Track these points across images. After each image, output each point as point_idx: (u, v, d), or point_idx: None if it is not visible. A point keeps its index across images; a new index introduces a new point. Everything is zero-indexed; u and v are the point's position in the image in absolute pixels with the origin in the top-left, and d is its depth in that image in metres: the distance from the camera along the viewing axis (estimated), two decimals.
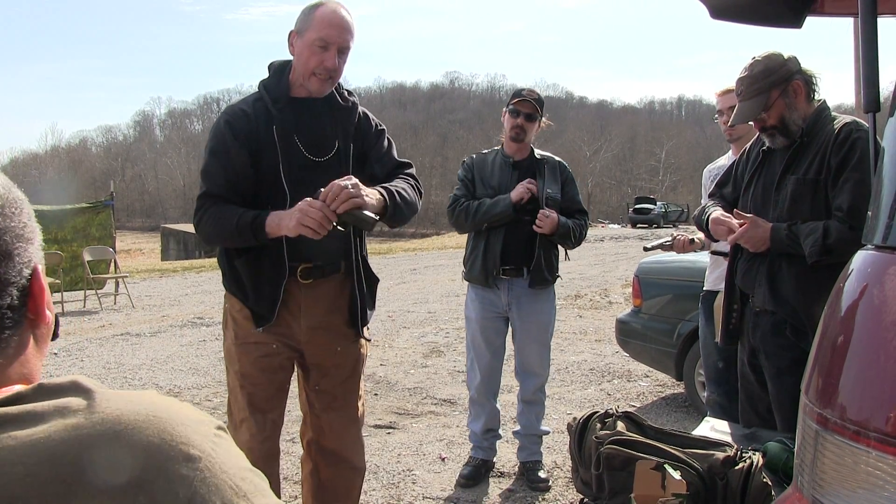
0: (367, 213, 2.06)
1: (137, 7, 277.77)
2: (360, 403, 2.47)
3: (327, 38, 2.18)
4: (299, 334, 2.32)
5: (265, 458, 2.30)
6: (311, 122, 2.29)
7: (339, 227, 2.08)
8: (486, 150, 3.74)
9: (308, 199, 2.06)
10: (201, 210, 2.23)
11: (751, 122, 2.64)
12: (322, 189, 2.04)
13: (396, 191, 2.26)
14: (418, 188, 2.42)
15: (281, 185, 2.21)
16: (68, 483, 0.66)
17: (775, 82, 2.46)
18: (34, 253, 0.79)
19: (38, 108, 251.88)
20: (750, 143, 2.81)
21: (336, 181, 2.05)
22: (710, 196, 2.92)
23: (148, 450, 0.69)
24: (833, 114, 2.50)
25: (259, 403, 2.33)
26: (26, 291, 0.77)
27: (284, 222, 2.08)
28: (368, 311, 2.43)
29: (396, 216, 2.25)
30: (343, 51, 2.23)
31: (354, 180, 2.08)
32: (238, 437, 2.27)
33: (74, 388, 0.73)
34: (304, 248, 2.24)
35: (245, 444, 2.26)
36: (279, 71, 2.33)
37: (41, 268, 0.80)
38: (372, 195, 2.14)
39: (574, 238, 3.55)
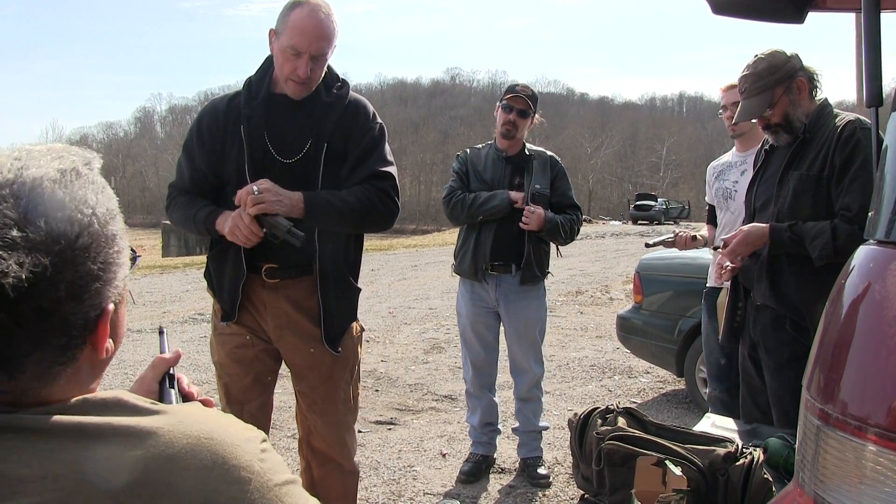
0: (280, 219, 2.03)
1: (137, 4, 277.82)
2: (343, 409, 2.40)
3: (298, 47, 2.10)
4: (269, 331, 2.32)
5: None
6: (283, 121, 2.23)
7: (270, 239, 2.08)
8: (479, 145, 3.73)
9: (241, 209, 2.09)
10: (169, 198, 2.40)
11: (754, 120, 2.64)
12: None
13: (328, 198, 2.18)
14: (382, 198, 2.27)
15: (245, 184, 2.13)
16: (119, 503, 0.67)
17: (779, 79, 2.46)
18: (109, 291, 0.75)
19: (39, 105, 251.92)
20: (756, 150, 2.82)
21: (246, 186, 2.08)
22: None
23: (201, 473, 0.70)
24: (835, 111, 2.51)
25: (235, 394, 2.35)
26: (89, 330, 0.74)
27: (225, 225, 2.14)
28: (336, 321, 2.30)
29: (315, 219, 2.16)
30: (317, 58, 2.14)
31: (266, 184, 2.07)
32: None
33: (120, 405, 0.73)
34: (269, 248, 2.20)
35: None
36: (265, 67, 2.29)
37: (113, 307, 0.76)
38: (291, 197, 2.11)
39: (564, 234, 3.49)
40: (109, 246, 0.74)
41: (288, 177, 2.15)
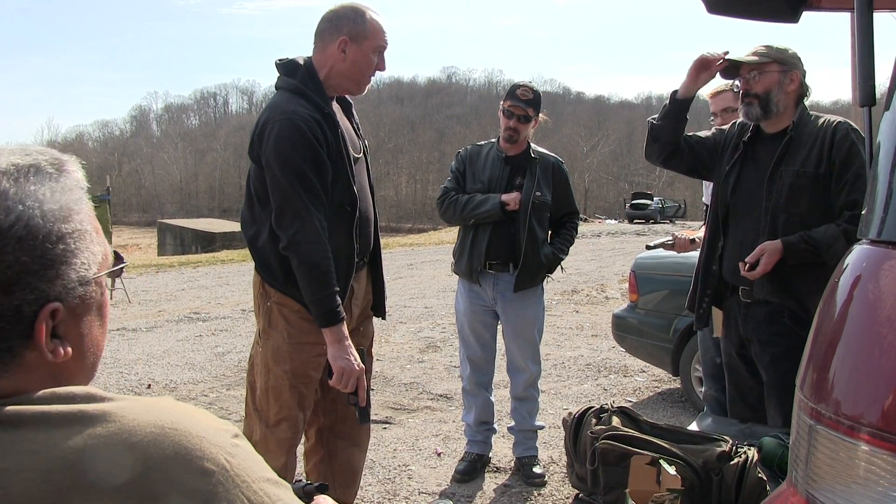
0: (353, 398, 2.25)
1: (131, 1, 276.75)
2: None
3: (384, 45, 2.31)
4: (353, 320, 2.42)
5: (294, 451, 2.41)
6: (343, 121, 2.40)
7: (348, 402, 2.27)
8: (482, 142, 3.71)
9: (359, 362, 2.20)
10: (303, 231, 2.17)
11: (737, 83, 2.70)
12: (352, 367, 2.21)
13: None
14: None
15: (350, 185, 2.29)
16: (82, 491, 0.66)
17: (779, 60, 2.59)
18: (50, 289, 0.72)
19: (34, 103, 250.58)
20: (732, 123, 2.86)
21: (355, 368, 2.19)
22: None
23: (163, 463, 0.69)
24: (811, 112, 2.63)
25: (306, 402, 2.38)
26: (23, 325, 0.72)
27: (337, 352, 2.18)
28: (384, 291, 2.62)
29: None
30: None
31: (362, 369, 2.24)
32: (274, 436, 2.31)
33: (88, 397, 0.72)
34: (361, 244, 2.37)
35: (286, 442, 2.34)
36: (313, 72, 2.28)
37: (60, 308, 0.73)
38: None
39: (566, 253, 3.66)
40: (53, 243, 0.72)
41: (360, 171, 2.41)
